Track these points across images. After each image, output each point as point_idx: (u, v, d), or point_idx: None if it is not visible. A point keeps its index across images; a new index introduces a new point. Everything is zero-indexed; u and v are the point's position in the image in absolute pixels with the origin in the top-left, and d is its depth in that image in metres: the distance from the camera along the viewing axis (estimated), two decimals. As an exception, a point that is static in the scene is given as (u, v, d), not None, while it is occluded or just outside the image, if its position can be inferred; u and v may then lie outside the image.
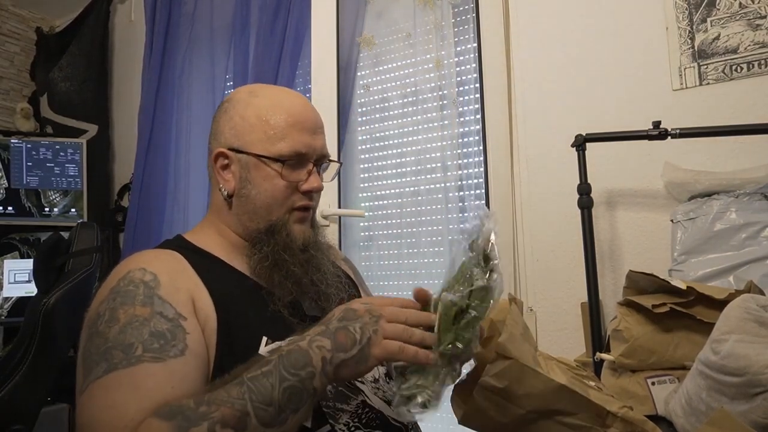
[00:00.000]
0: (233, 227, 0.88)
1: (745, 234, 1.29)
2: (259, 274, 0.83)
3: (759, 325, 0.81)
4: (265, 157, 0.84)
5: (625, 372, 1.09)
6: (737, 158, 1.44)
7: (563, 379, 0.70)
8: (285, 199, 0.86)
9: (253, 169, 0.85)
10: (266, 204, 0.85)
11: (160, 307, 0.70)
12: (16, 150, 2.70)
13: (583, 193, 1.45)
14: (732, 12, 1.50)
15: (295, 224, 0.87)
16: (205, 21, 2.54)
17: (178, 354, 0.67)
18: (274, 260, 0.83)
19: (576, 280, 1.59)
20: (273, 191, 0.85)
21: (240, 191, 0.86)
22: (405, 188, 2.05)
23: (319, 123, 0.89)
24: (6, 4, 3.09)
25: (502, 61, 1.83)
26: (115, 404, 0.61)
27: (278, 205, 0.85)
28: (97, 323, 0.69)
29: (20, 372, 1.45)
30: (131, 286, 0.71)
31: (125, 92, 2.90)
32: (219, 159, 0.88)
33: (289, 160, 0.84)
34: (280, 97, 0.88)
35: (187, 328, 0.70)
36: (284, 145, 0.84)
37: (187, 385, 0.66)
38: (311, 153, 0.86)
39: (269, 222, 0.85)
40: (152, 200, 2.48)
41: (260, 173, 0.85)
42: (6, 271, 2.53)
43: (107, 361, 0.64)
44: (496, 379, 0.70)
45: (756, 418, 0.74)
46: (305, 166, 0.86)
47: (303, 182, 0.86)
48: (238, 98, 0.88)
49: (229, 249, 0.87)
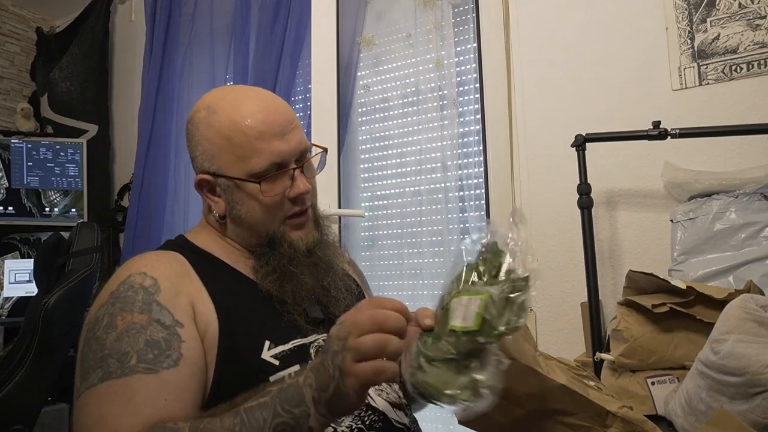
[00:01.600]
0: (233, 239, 0.87)
1: (744, 234, 1.29)
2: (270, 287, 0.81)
3: (758, 325, 0.81)
4: (241, 179, 0.81)
5: (624, 372, 1.09)
6: (737, 158, 1.44)
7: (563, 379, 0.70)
8: (276, 211, 0.83)
9: (235, 191, 0.83)
10: (259, 221, 0.83)
11: (158, 314, 0.69)
12: (16, 150, 2.70)
13: (583, 193, 1.45)
14: (732, 12, 1.50)
15: (293, 232, 0.85)
16: (205, 21, 2.54)
17: (172, 365, 0.66)
18: (282, 273, 0.82)
19: (576, 280, 1.59)
20: (261, 209, 0.82)
21: (231, 212, 0.85)
22: (405, 188, 2.05)
23: (288, 120, 0.83)
24: (6, 4, 3.09)
25: (502, 61, 1.83)
26: (108, 417, 0.62)
27: (270, 219, 0.83)
28: (96, 328, 0.69)
29: (20, 372, 1.45)
30: (131, 292, 0.71)
31: (125, 92, 2.90)
32: (203, 184, 0.86)
33: (266, 175, 0.80)
34: (239, 109, 0.81)
35: (183, 336, 0.69)
36: (257, 161, 0.80)
37: (181, 395, 0.66)
38: (288, 158, 0.82)
39: (268, 236, 0.84)
40: (152, 200, 2.48)
41: (243, 194, 0.82)
42: (6, 271, 2.54)
43: (102, 369, 0.64)
44: (496, 379, 0.70)
45: (755, 417, 0.74)
46: (287, 172, 0.82)
47: (289, 189, 0.83)
48: (198, 119, 0.84)
49: (230, 251, 0.86)
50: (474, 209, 1.92)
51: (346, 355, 0.57)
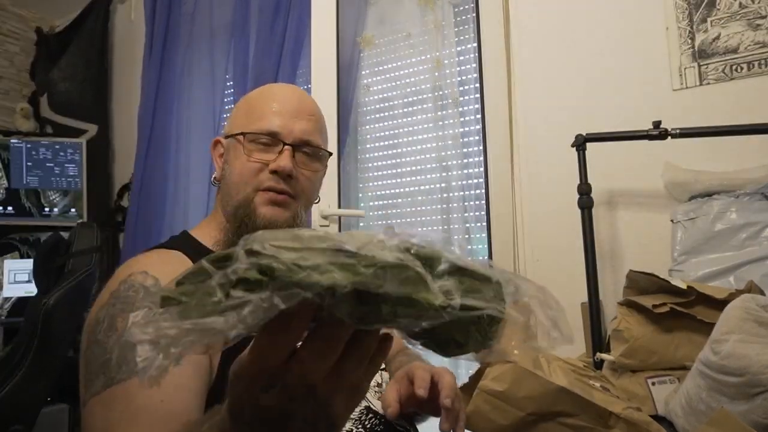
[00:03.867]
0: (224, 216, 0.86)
1: (745, 234, 1.29)
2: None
3: (759, 325, 0.81)
4: (238, 134, 0.84)
5: (625, 372, 1.09)
6: (737, 158, 1.44)
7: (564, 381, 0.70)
8: (253, 177, 0.83)
9: (231, 149, 0.86)
10: (236, 183, 0.84)
11: None
12: (16, 150, 2.70)
13: (583, 193, 1.45)
14: (732, 12, 1.50)
15: (263, 206, 0.82)
16: (205, 21, 2.54)
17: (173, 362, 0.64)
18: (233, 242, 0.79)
19: (576, 280, 1.59)
20: (241, 169, 0.83)
21: (224, 174, 0.88)
22: (405, 188, 2.05)
23: (306, 109, 0.87)
24: (6, 4, 3.09)
25: (502, 61, 1.83)
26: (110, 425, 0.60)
27: (245, 183, 0.83)
28: (97, 330, 0.67)
29: (20, 372, 1.45)
30: (131, 291, 0.69)
31: (125, 92, 2.90)
32: (216, 147, 0.90)
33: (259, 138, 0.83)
34: (276, 87, 0.89)
35: None
36: (259, 123, 0.84)
37: (181, 395, 0.63)
38: (286, 133, 0.84)
39: (237, 202, 0.83)
40: (152, 200, 2.48)
41: (235, 152, 0.85)
42: (6, 271, 2.53)
43: (105, 374, 0.63)
44: (496, 382, 0.70)
45: (756, 417, 0.74)
46: (278, 146, 0.83)
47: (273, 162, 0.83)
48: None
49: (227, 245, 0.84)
50: (474, 209, 1.92)
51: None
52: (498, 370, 0.70)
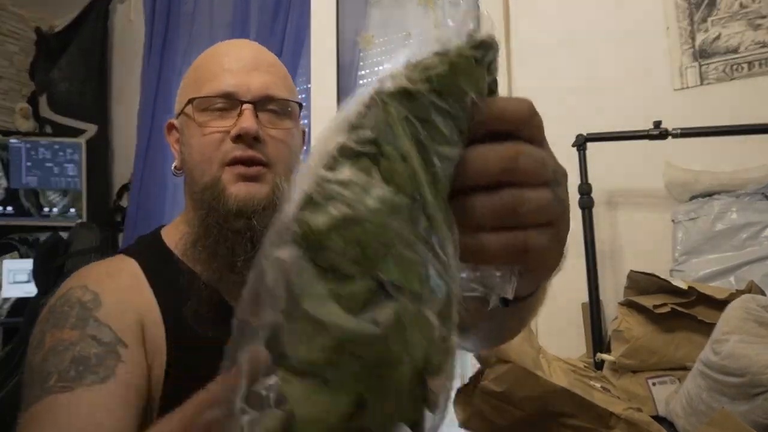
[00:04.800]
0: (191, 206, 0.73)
1: (746, 234, 1.29)
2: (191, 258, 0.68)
3: (759, 326, 0.81)
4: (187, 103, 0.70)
5: (625, 372, 1.09)
6: (738, 158, 1.44)
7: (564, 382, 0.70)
8: (213, 150, 0.68)
9: (185, 128, 0.71)
10: (197, 162, 0.69)
11: (95, 330, 0.59)
12: (15, 150, 2.70)
13: (583, 193, 1.45)
14: (733, 12, 1.49)
15: (232, 185, 0.67)
16: (205, 21, 2.53)
17: (97, 381, 0.55)
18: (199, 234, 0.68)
19: (576, 280, 1.59)
20: (199, 145, 0.69)
21: (183, 159, 0.73)
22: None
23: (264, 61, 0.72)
24: (6, 4, 3.09)
25: (502, 61, 1.82)
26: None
27: (206, 160, 0.68)
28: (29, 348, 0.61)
29: (19, 373, 1.45)
30: (66, 307, 0.61)
31: (125, 92, 2.90)
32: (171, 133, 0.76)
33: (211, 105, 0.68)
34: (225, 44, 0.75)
35: (123, 356, 0.58)
36: (209, 86, 0.69)
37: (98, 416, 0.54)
38: (242, 91, 0.68)
39: (204, 184, 0.68)
40: (152, 200, 2.48)
41: (189, 129, 0.70)
42: (5, 271, 2.53)
43: (27, 396, 0.58)
44: (496, 383, 0.70)
45: (756, 418, 0.74)
46: (236, 108, 0.68)
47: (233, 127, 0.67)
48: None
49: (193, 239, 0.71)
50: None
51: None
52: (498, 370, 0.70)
